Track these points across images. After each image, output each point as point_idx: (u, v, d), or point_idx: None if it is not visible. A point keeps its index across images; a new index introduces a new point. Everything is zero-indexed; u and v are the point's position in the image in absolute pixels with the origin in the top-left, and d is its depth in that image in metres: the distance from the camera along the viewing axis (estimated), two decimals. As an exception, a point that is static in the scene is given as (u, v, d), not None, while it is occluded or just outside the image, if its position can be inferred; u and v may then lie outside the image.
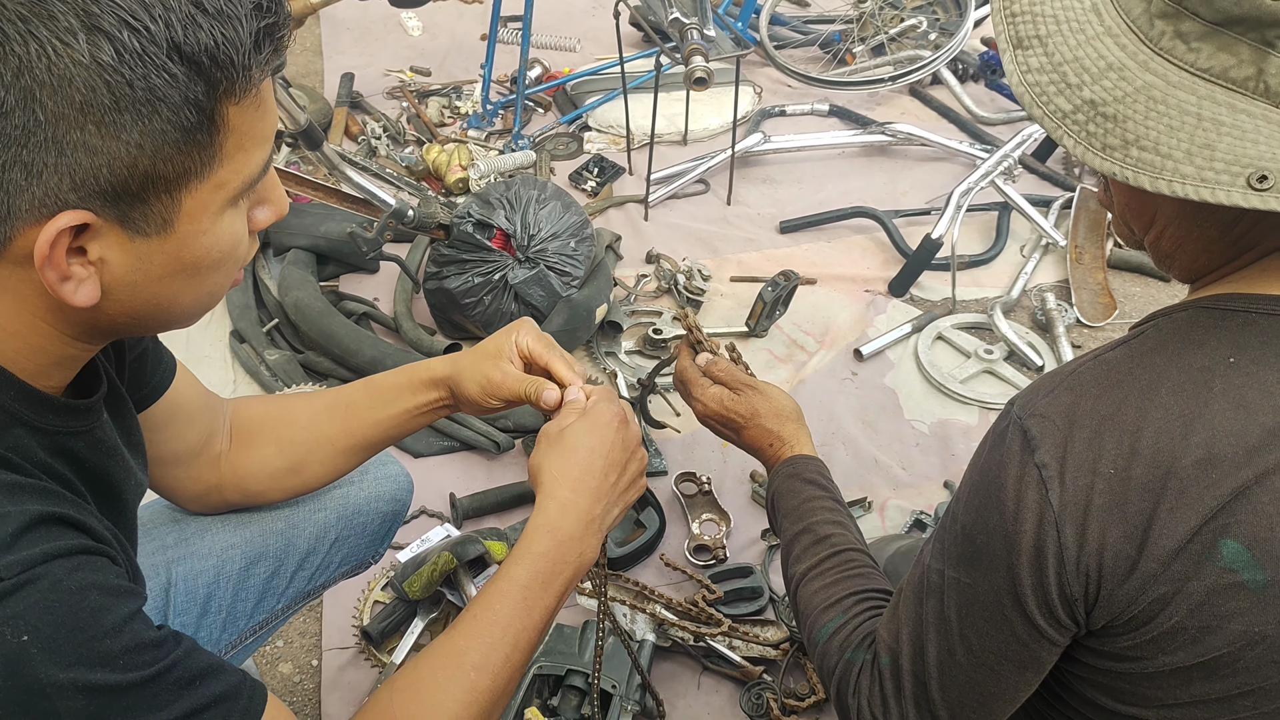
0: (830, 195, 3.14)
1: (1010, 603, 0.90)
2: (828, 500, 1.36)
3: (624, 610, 1.83)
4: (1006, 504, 0.88)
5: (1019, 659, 0.93)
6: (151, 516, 1.27)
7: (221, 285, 0.83)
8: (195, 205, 0.74)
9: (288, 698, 1.77)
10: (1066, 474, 0.85)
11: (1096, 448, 0.84)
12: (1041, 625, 0.89)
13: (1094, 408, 0.86)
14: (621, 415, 1.09)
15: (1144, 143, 0.81)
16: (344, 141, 3.29)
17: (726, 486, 2.16)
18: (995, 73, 3.70)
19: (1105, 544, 0.84)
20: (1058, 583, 0.86)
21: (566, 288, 2.39)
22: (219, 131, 0.72)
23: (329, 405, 1.23)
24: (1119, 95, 0.83)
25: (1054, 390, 0.89)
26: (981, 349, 2.51)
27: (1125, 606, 0.85)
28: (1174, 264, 0.97)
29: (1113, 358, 0.89)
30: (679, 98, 3.37)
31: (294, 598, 1.34)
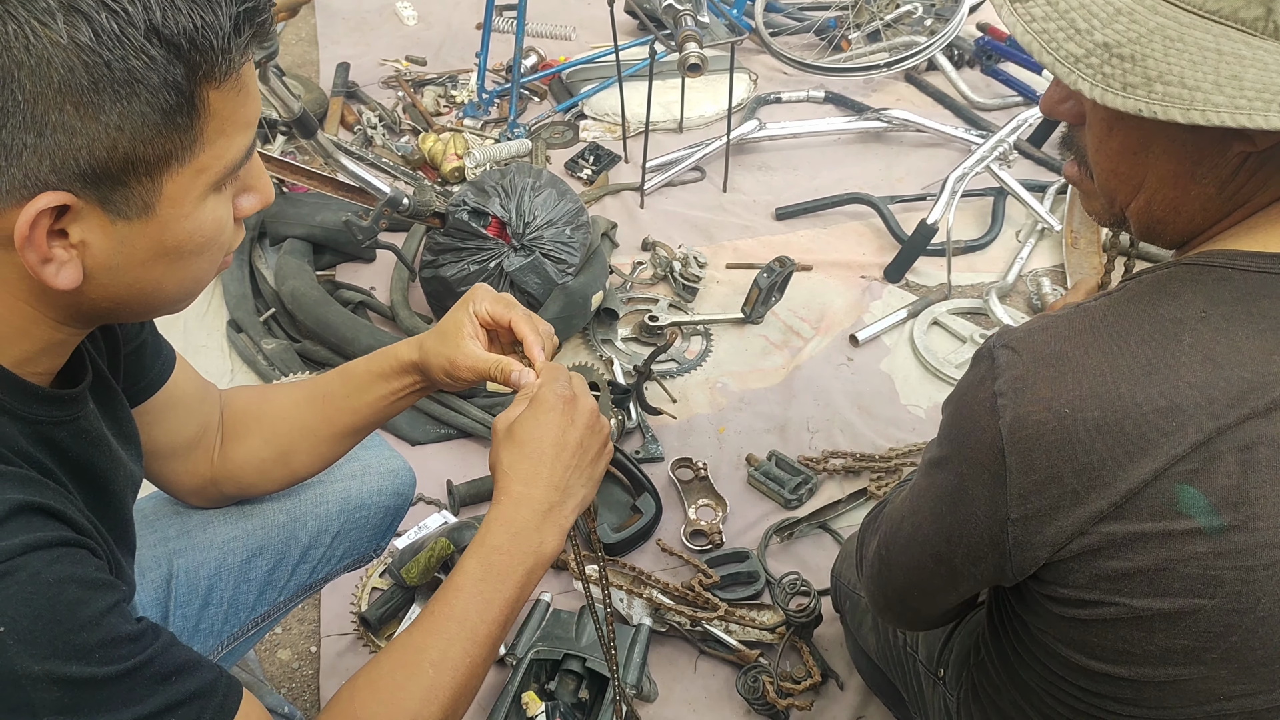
0: (826, 182, 3.15)
1: (949, 502, 0.96)
2: None
3: (621, 595, 1.84)
4: (964, 421, 0.93)
5: (938, 551, 1.00)
6: (154, 508, 1.27)
7: (206, 271, 0.82)
8: (176, 189, 0.74)
9: (286, 684, 1.78)
10: (1021, 405, 0.87)
11: (1055, 386, 0.86)
12: (966, 531, 0.95)
13: (1061, 348, 0.88)
14: (567, 396, 1.05)
15: (1168, 78, 0.81)
16: (340, 131, 3.29)
17: (723, 472, 2.16)
18: (990, 58, 3.69)
19: (1051, 477, 0.86)
20: (993, 502, 0.90)
21: (562, 275, 2.39)
22: (199, 115, 0.72)
23: (308, 395, 1.21)
24: (1133, 37, 0.83)
25: (1031, 328, 0.92)
26: (977, 334, 2.51)
27: (1071, 538, 0.87)
28: (1166, 229, 0.96)
29: (1092, 306, 0.90)
30: (674, 85, 3.37)
31: (296, 590, 1.34)
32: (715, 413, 2.33)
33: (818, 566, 1.97)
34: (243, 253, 2.65)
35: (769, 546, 2.00)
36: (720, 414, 2.33)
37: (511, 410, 1.07)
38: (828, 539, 2.03)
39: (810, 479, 2.11)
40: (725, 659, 1.80)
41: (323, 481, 1.34)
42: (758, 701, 1.69)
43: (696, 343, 2.54)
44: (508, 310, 1.13)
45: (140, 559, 1.20)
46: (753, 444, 2.24)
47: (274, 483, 1.26)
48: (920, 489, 1.03)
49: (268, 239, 2.71)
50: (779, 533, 2.01)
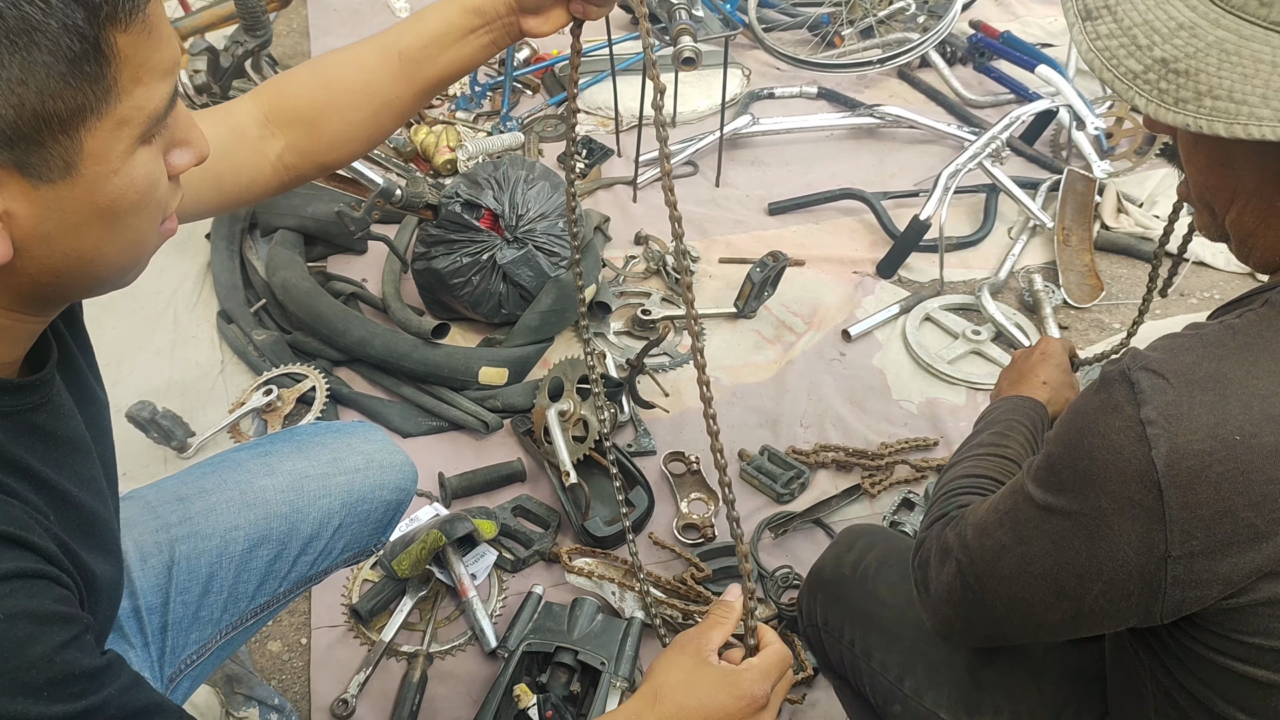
0: (819, 177, 3.15)
1: (1082, 537, 0.88)
2: (1024, 428, 1.32)
3: (613, 588, 1.83)
4: (1099, 453, 0.85)
5: (1062, 587, 0.92)
6: (157, 495, 1.26)
7: (146, 234, 0.78)
8: (98, 145, 0.70)
9: (277, 675, 1.77)
10: (1179, 434, 0.80)
11: (1219, 411, 0.80)
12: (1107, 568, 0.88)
13: (1219, 369, 0.82)
14: (758, 699, 1.02)
15: (1217, 92, 0.80)
16: (331, 123, 3.27)
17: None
18: (983, 56, 3.69)
19: (1223, 511, 0.80)
20: (1148, 539, 0.83)
21: (555, 268, 2.39)
22: (109, 62, 0.68)
23: (381, 61, 1.16)
24: (1190, 51, 0.82)
25: (1173, 349, 0.85)
26: (969, 330, 2.52)
27: (1251, 578, 0.82)
28: (1257, 244, 0.93)
29: (1239, 323, 0.85)
30: (667, 80, 3.36)
31: (296, 582, 1.34)
32: (707, 407, 2.32)
33: (809, 561, 1.95)
34: (233, 244, 2.64)
35: (761, 540, 2.00)
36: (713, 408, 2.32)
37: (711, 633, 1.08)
38: (820, 534, 2.03)
39: (802, 473, 2.11)
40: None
41: (326, 474, 1.33)
42: (749, 695, 1.69)
43: (689, 336, 2.53)
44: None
45: (142, 544, 1.20)
46: (745, 438, 2.23)
47: (358, 154, 1.23)
48: (1025, 519, 0.94)
49: (259, 230, 2.70)
50: (771, 527, 2.01)
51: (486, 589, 1.90)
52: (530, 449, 2.16)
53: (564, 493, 2.01)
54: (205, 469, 1.32)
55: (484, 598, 1.87)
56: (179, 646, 1.21)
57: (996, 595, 0.99)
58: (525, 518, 2.03)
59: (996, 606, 1.00)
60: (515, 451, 2.18)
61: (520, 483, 2.11)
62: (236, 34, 2.10)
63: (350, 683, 1.73)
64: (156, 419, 2.07)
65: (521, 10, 1.12)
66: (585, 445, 2.03)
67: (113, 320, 2.47)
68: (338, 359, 2.36)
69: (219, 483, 1.28)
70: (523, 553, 1.94)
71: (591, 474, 2.10)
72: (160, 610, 1.19)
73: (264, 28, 2.10)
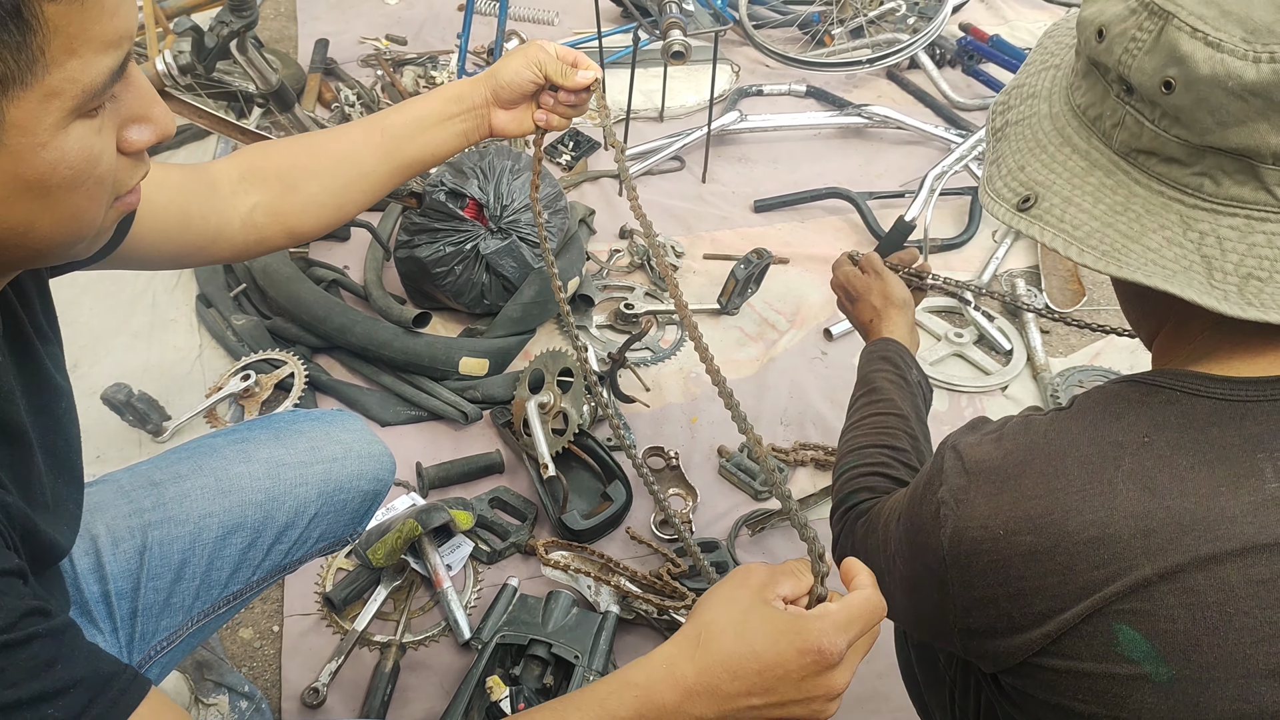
0: (805, 176, 3.14)
1: (905, 588, 0.97)
2: (891, 373, 1.43)
3: (589, 582, 1.83)
4: (914, 519, 0.93)
5: (908, 617, 1.00)
6: (130, 479, 1.25)
7: (86, 210, 0.75)
8: (23, 116, 0.66)
9: (248, 663, 1.76)
10: (960, 519, 0.86)
11: (993, 504, 0.84)
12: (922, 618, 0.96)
13: (1002, 464, 0.86)
14: (829, 657, 0.81)
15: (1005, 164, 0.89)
16: (317, 108, 3.25)
17: (694, 461, 2.16)
18: (972, 58, 3.70)
19: (989, 598, 0.85)
20: (941, 606, 0.90)
21: (538, 259, 2.38)
22: (35, 32, 0.64)
23: (365, 135, 1.26)
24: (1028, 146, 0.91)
25: (980, 433, 0.90)
26: (952, 332, 2.52)
27: (1015, 662, 0.86)
28: (1135, 328, 1.00)
29: (1037, 420, 0.88)
30: (656, 74, 3.36)
31: (270, 570, 1.32)
32: (688, 402, 2.32)
33: (786, 558, 1.96)
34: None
35: (738, 537, 2.00)
36: (693, 404, 2.32)
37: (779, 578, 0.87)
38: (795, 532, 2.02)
39: (781, 471, 2.11)
40: (691, 648, 1.79)
41: (304, 463, 1.32)
42: (723, 691, 1.69)
43: (671, 332, 2.53)
44: (571, 51, 1.25)
45: (114, 528, 1.18)
46: (725, 435, 2.23)
47: (326, 226, 1.29)
48: (891, 555, 1.02)
49: (241, 214, 2.67)
50: (749, 524, 2.01)
51: (462, 580, 1.89)
52: (509, 441, 2.15)
53: (542, 485, 2.00)
54: (181, 454, 1.30)
55: (459, 589, 1.86)
56: (149, 633, 1.20)
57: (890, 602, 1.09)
58: (502, 509, 2.03)
59: None
60: (494, 443, 2.17)
61: (498, 474, 2.10)
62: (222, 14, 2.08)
63: (322, 671, 1.72)
64: (132, 402, 2.05)
65: (496, 103, 1.26)
66: (564, 438, 2.03)
67: (90, 301, 2.45)
68: (317, 346, 2.34)
69: (194, 468, 1.27)
70: (499, 544, 1.94)
71: (570, 467, 2.10)
72: (130, 595, 1.18)
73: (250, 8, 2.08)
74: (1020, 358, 2.47)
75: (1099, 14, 0.82)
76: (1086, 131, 0.85)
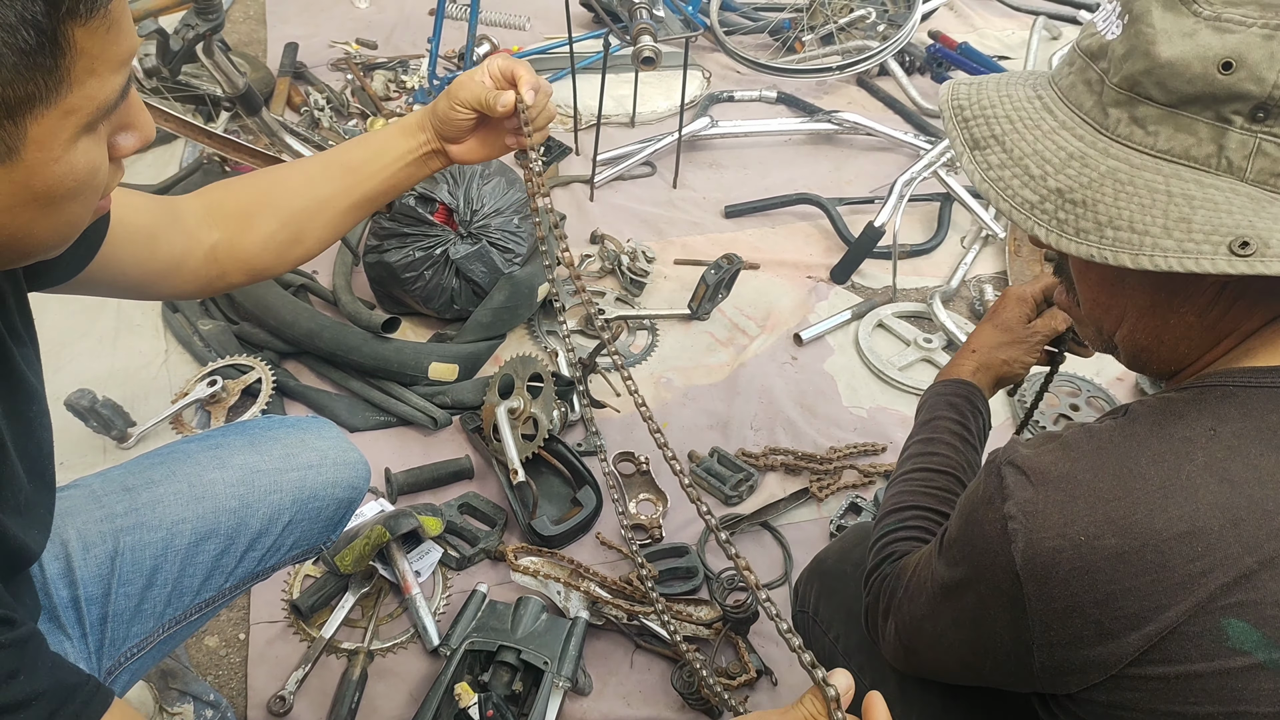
0: (775, 181, 3.16)
1: (969, 619, 0.92)
2: (955, 423, 1.34)
3: (558, 588, 1.82)
4: (977, 541, 0.89)
5: (964, 660, 0.97)
6: (103, 484, 1.23)
7: (79, 216, 0.77)
8: (43, 132, 0.69)
9: (213, 671, 1.74)
10: (1033, 532, 0.83)
11: (1068, 511, 0.82)
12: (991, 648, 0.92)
13: (1070, 470, 0.84)
14: None
15: (1118, 222, 0.82)
16: (286, 112, 3.23)
17: (664, 467, 2.16)
18: (941, 65, 3.73)
19: (1073, 607, 0.82)
20: (1016, 625, 0.87)
21: (509, 265, 2.37)
22: (64, 54, 0.67)
23: (324, 167, 1.25)
24: (1085, 182, 0.84)
25: (1039, 445, 0.88)
26: (921, 338, 2.53)
27: (1106, 674, 0.84)
28: (1151, 358, 0.96)
29: (1096, 428, 0.87)
30: (627, 80, 3.36)
31: (243, 577, 1.31)
32: (659, 408, 2.32)
33: (756, 563, 1.97)
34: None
35: (708, 542, 2.00)
36: (664, 409, 2.32)
37: None
38: (767, 536, 2.03)
39: (751, 476, 2.11)
40: (661, 653, 1.79)
41: (279, 470, 1.31)
42: (693, 696, 1.69)
43: (642, 337, 2.53)
44: (514, 65, 1.21)
45: (85, 533, 1.17)
46: (695, 440, 2.23)
47: (286, 263, 1.27)
48: (933, 594, 0.98)
49: (208, 218, 2.65)
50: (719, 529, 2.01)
51: (430, 586, 1.88)
52: (479, 446, 2.15)
53: (512, 491, 2.00)
54: (154, 459, 1.29)
55: (428, 595, 1.85)
56: (119, 639, 1.18)
57: (923, 659, 1.06)
58: (472, 515, 2.02)
59: (925, 668, 1.07)
60: (464, 449, 2.16)
61: (468, 480, 2.09)
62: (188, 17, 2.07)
63: (288, 679, 1.70)
64: (96, 408, 2.03)
65: (443, 139, 1.25)
66: (534, 444, 2.02)
67: (55, 305, 2.42)
68: (285, 351, 2.32)
69: (167, 474, 1.26)
70: (468, 550, 1.93)
71: (540, 473, 2.09)
72: (101, 601, 1.16)
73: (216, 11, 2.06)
74: (988, 363, 2.49)
75: (1207, 49, 0.79)
76: (1193, 172, 0.82)
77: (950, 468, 1.28)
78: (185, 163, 2.90)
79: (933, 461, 1.29)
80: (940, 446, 1.30)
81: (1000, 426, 2.34)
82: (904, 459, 1.34)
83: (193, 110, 3.05)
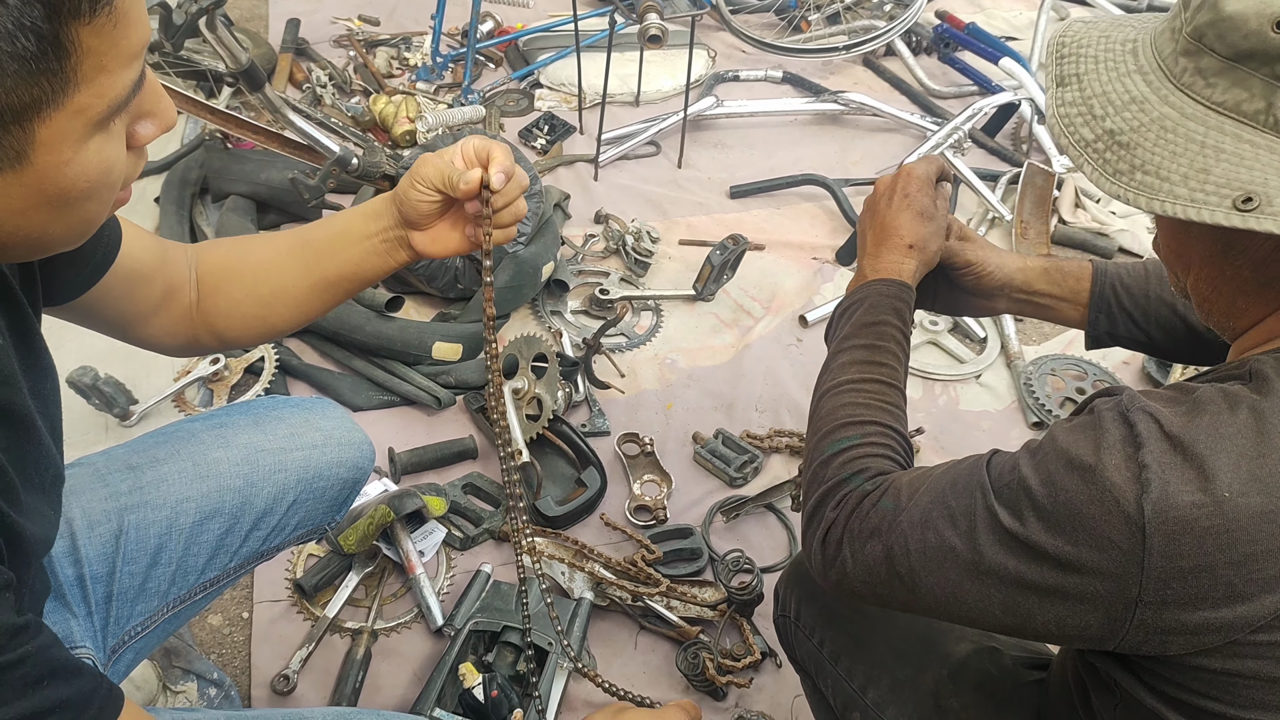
0: (781, 162, 3.14)
1: (1050, 564, 0.86)
2: (899, 334, 1.22)
3: (563, 569, 1.82)
4: (1087, 488, 0.83)
5: (1014, 603, 0.90)
6: (107, 462, 1.23)
7: (97, 213, 0.76)
8: (52, 134, 0.67)
9: (217, 649, 1.74)
10: (1170, 484, 0.79)
11: (1211, 467, 0.79)
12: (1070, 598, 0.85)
13: (1211, 425, 0.81)
14: None
15: (1148, 167, 0.85)
16: (288, 89, 3.21)
17: (669, 448, 2.15)
18: (948, 46, 3.70)
19: (1203, 566, 0.79)
20: (1122, 580, 0.82)
21: (513, 244, 2.36)
22: (69, 55, 0.64)
23: (290, 245, 1.18)
24: (1135, 125, 0.87)
25: (1170, 399, 0.85)
26: (926, 320, 2.52)
27: (1221, 634, 0.81)
28: (1213, 309, 0.95)
29: (1229, 388, 0.85)
30: (632, 58, 3.33)
31: (247, 557, 1.30)
32: (663, 389, 2.32)
33: (761, 545, 1.97)
34: (183, 209, 2.58)
35: (713, 524, 1.99)
36: (668, 390, 2.31)
37: None
38: (772, 518, 2.02)
39: (756, 458, 2.10)
40: (666, 635, 1.79)
41: (283, 449, 1.30)
42: (697, 678, 1.69)
43: (647, 318, 2.52)
44: (489, 145, 1.11)
45: (90, 512, 1.16)
46: (700, 421, 2.23)
47: (252, 336, 1.22)
48: (985, 535, 0.90)
49: (210, 195, 2.63)
50: (723, 511, 2.01)
51: (434, 566, 1.88)
52: (483, 426, 2.14)
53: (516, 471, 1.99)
54: (158, 438, 1.28)
55: (431, 575, 1.85)
56: (123, 618, 1.18)
57: (932, 591, 0.96)
58: (476, 495, 2.01)
59: (928, 599, 0.97)
60: (467, 428, 2.15)
61: (471, 460, 2.09)
62: (191, -9, 2.05)
63: (292, 658, 1.70)
64: (98, 385, 2.02)
65: (408, 225, 1.14)
66: (539, 424, 2.01)
67: (55, 283, 2.40)
68: (288, 329, 2.31)
69: (172, 453, 1.25)
70: (472, 530, 1.92)
71: (544, 453, 2.09)
72: (106, 580, 1.16)
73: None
74: (994, 346, 2.48)
75: (1266, 6, 0.80)
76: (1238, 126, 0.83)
77: (896, 382, 1.18)
78: (187, 139, 2.88)
79: (883, 373, 1.18)
80: (888, 357, 1.20)
81: (1009, 411, 2.33)
82: (843, 362, 1.21)
83: (195, 86, 3.02)
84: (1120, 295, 1.39)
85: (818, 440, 1.14)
